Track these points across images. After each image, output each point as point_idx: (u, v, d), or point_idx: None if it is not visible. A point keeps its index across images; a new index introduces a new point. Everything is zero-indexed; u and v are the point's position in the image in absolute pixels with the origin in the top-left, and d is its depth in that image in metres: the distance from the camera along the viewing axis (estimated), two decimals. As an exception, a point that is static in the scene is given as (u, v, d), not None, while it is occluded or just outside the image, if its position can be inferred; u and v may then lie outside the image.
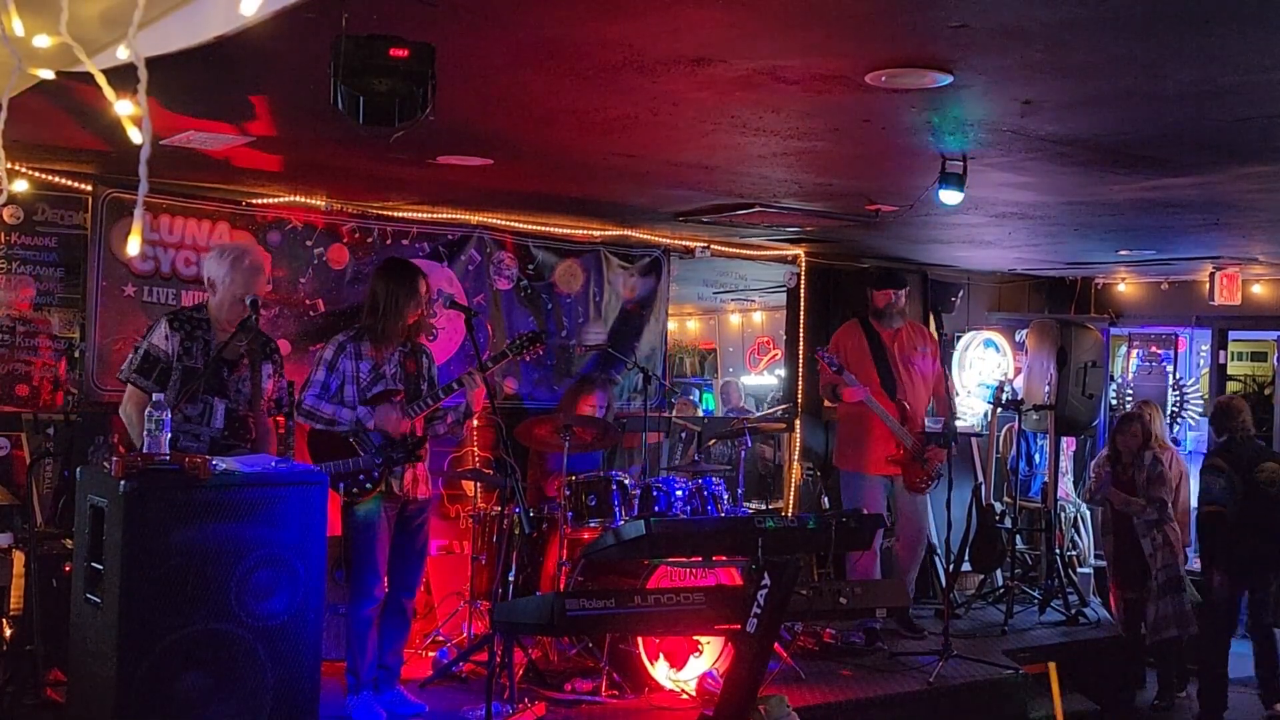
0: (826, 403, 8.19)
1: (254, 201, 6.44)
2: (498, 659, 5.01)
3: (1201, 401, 9.59)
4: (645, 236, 7.72)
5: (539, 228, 7.36)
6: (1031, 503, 8.77)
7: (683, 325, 14.04)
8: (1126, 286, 9.80)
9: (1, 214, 5.74)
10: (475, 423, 6.76)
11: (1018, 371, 9.08)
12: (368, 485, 4.87)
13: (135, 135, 1.63)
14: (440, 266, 6.88)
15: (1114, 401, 9.76)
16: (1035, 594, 8.04)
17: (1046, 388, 8.32)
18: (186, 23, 1.86)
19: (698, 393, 12.62)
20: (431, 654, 5.85)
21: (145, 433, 3.85)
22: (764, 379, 12.83)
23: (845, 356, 6.67)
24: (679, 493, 5.92)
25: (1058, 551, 8.11)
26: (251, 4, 1.63)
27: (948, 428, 6.69)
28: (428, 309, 5.19)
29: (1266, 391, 10.09)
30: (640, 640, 5.30)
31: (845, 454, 6.94)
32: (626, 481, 5.86)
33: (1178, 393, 9.48)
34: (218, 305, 4.57)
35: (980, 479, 8.02)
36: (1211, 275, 8.63)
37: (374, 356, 4.97)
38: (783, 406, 8.86)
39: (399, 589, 5.07)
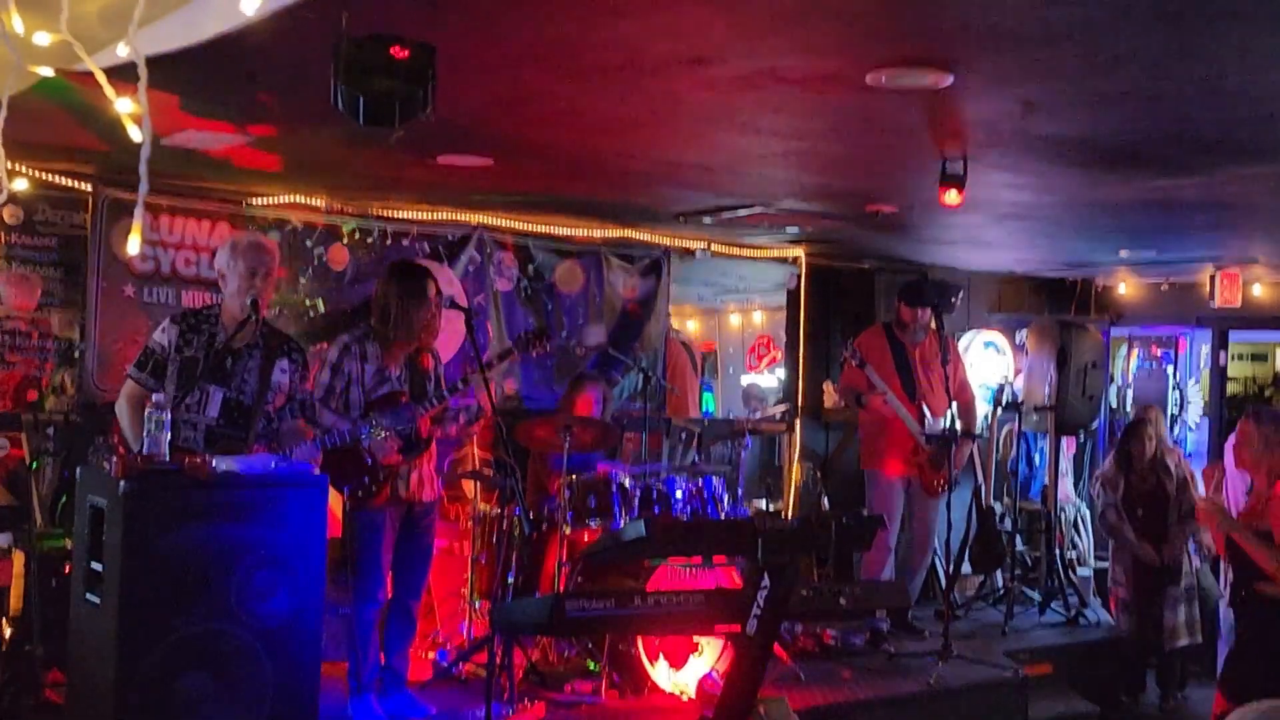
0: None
1: (254, 201, 6.44)
2: (498, 660, 5.00)
3: (1202, 403, 9.58)
4: (646, 237, 7.72)
5: (539, 228, 7.35)
6: (1031, 504, 8.76)
7: (683, 325, 14.00)
8: (1127, 288, 9.78)
9: (1, 214, 5.74)
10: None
11: (1018, 372, 9.07)
12: (373, 489, 4.79)
13: (135, 134, 1.63)
14: (440, 267, 6.87)
15: (1114, 403, 9.75)
16: (1035, 595, 8.03)
17: (1046, 389, 8.31)
18: (187, 22, 1.86)
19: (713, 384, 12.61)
20: (431, 655, 5.84)
21: (145, 433, 3.84)
22: (764, 379, 12.81)
23: (868, 357, 6.74)
24: (679, 493, 5.91)
25: (1058, 552, 8.09)
26: (251, 3, 1.63)
27: (950, 429, 6.70)
28: (438, 312, 5.02)
29: (1267, 393, 10.09)
30: (640, 641, 5.30)
31: (867, 453, 7.06)
32: (626, 482, 5.86)
33: (1178, 394, 9.47)
34: (231, 296, 4.43)
35: (980, 480, 8.01)
36: (1212, 276, 8.63)
37: (380, 358, 4.90)
38: (783, 407, 8.85)
39: (403, 591, 5.04)
